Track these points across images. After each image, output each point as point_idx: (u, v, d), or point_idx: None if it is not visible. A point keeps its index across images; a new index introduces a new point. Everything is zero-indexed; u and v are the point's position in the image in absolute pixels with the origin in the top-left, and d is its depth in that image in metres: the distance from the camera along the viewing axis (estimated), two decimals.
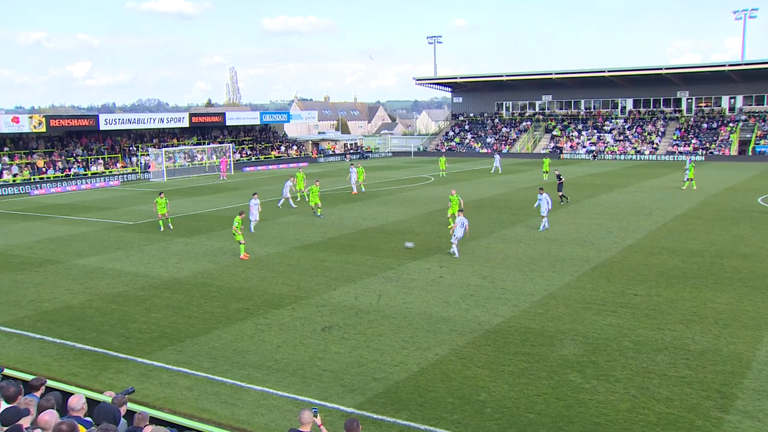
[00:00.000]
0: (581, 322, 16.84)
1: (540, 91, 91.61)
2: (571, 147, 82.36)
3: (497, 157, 62.38)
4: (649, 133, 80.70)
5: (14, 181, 54.43)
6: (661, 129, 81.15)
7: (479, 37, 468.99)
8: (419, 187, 48.68)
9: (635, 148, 78.30)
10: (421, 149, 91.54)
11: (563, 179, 39.21)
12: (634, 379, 13.30)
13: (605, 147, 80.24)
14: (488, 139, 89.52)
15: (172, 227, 31.76)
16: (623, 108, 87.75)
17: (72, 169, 58.78)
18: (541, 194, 29.81)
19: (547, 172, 53.25)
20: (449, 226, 25.77)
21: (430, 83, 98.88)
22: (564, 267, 22.68)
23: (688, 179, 45.26)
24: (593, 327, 16.42)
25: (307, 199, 37.05)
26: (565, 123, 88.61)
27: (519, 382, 13.28)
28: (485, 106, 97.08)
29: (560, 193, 38.35)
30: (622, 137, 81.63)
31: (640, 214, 34.08)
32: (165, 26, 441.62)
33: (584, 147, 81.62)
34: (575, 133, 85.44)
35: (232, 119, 76.34)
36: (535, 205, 30.44)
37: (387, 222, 32.83)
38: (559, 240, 27.49)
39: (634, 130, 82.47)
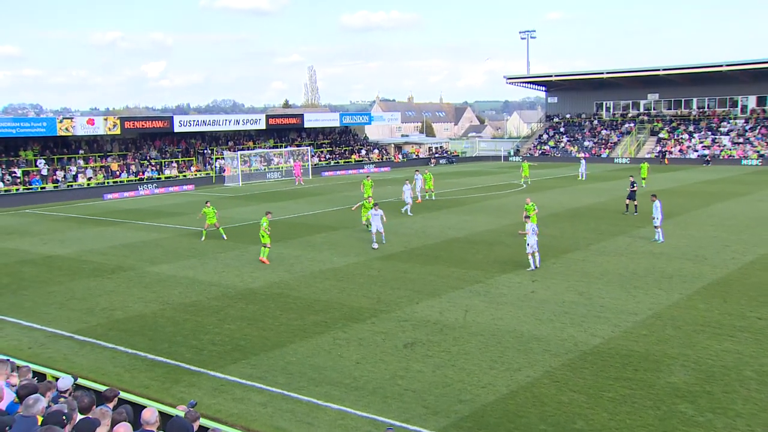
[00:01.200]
0: (692, 346, 16.19)
1: (645, 90, 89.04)
2: (680, 151, 79.60)
3: (583, 162, 61.06)
4: None
5: (89, 184, 57.11)
6: None
7: (576, 31, 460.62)
8: (510, 194, 48.21)
9: (758, 151, 74.58)
10: (512, 153, 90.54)
11: (636, 187, 37.79)
12: (759, 415, 12.63)
13: (721, 151, 77.04)
14: (586, 143, 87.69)
15: (225, 237, 32.03)
16: (744, 107, 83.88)
17: (146, 173, 61.26)
18: (654, 201, 29.23)
19: (645, 179, 51.99)
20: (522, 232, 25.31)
21: (522, 82, 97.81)
22: (672, 284, 21.93)
23: None
24: (707, 353, 15.75)
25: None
26: (674, 124, 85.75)
27: (620, 410, 12.87)
28: (583, 106, 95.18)
29: (634, 202, 37.16)
30: (741, 140, 78.12)
31: (763, 226, 32.58)
32: (240, 24, 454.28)
33: (696, 151, 78.71)
34: (685, 136, 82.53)
35: (311, 121, 78.06)
36: (652, 216, 29.43)
37: (474, 232, 32.63)
38: (666, 254, 26.59)
39: (757, 131, 78.62)
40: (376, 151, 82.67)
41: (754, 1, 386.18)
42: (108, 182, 58.32)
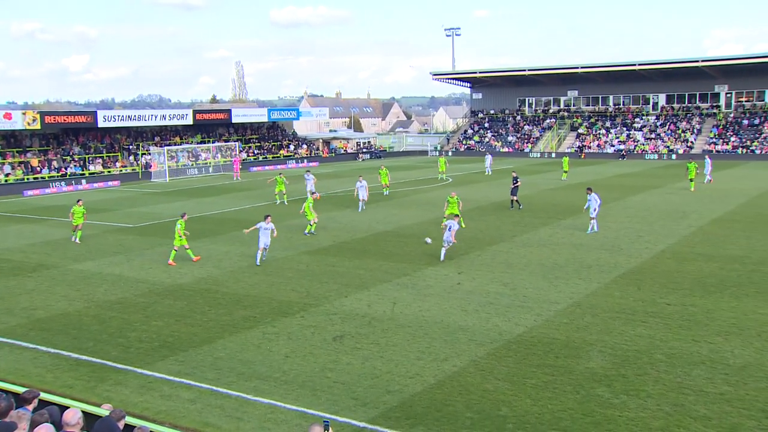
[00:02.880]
0: (609, 332, 16.77)
1: (565, 87, 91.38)
2: (598, 145, 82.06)
3: (489, 157, 62.02)
4: (684, 131, 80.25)
5: (6, 180, 54.97)
6: (697, 126, 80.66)
7: (501, 28, 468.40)
8: (437, 188, 48.70)
9: (668, 146, 77.87)
10: (438, 148, 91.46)
11: (519, 182, 37.86)
12: (667, 394, 13.21)
13: (635, 146, 79.83)
14: (509, 138, 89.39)
15: (78, 241, 30.09)
16: (655, 104, 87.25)
17: (68, 169, 59.32)
18: (590, 194, 30.08)
19: (567, 172, 53.46)
20: (442, 226, 26.04)
21: (448, 78, 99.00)
22: (591, 274, 22.62)
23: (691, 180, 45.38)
24: (622, 338, 16.35)
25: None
26: (592, 120, 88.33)
27: (543, 396, 13.23)
28: (507, 102, 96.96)
29: (513, 198, 37.33)
30: (653, 135, 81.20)
31: (673, 217, 33.91)
32: (168, 17, 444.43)
33: (612, 146, 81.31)
34: (603, 131, 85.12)
35: (239, 116, 76.96)
36: (585, 207, 30.41)
37: (402, 225, 32.88)
38: (586, 245, 27.39)
39: (667, 127, 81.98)
40: (305, 146, 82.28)
41: (667, 6, 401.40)
42: (28, 179, 56.20)
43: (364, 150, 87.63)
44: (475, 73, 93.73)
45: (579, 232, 29.99)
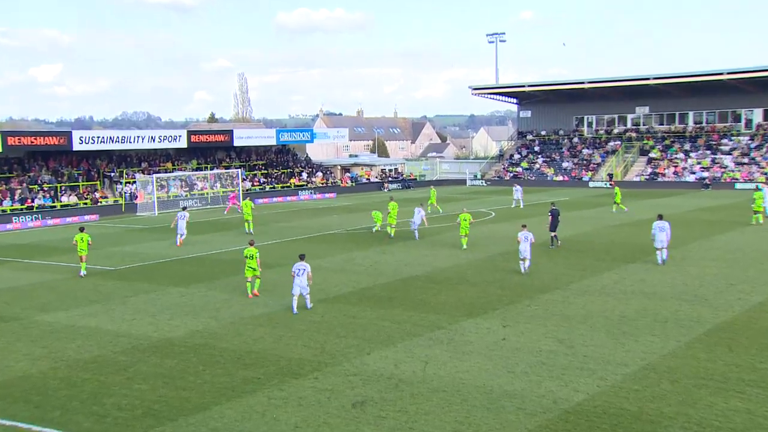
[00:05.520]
0: (694, 404, 16.38)
1: (633, 102, 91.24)
2: (675, 173, 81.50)
3: (518, 188, 61.90)
4: None
5: None
6: None
7: (552, 34, 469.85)
8: (477, 224, 48.37)
9: (766, 173, 76.43)
10: (479, 176, 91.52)
11: (557, 215, 37.92)
12: None
13: (722, 173, 79.05)
14: (564, 164, 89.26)
15: (85, 273, 32.51)
16: (749, 121, 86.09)
17: (36, 200, 59.93)
18: (660, 222, 31.86)
19: (618, 204, 53.75)
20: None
21: (491, 93, 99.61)
22: (667, 329, 22.24)
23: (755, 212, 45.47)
24: (711, 412, 15.94)
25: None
26: (667, 142, 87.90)
27: None
28: (561, 121, 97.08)
29: (553, 234, 37.69)
30: (746, 160, 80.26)
31: None
32: (157, 21, 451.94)
33: (693, 173, 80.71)
34: (680, 155, 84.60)
35: (242, 138, 78.23)
36: (652, 237, 31.97)
37: (435, 268, 32.76)
38: (660, 294, 27.03)
39: (764, 150, 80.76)
40: (320, 174, 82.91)
41: (758, 4, 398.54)
42: None
43: (391, 179, 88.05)
44: (523, 86, 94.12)
45: (651, 278, 29.63)
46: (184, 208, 45.23)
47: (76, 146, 64.24)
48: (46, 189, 61.96)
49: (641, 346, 20.64)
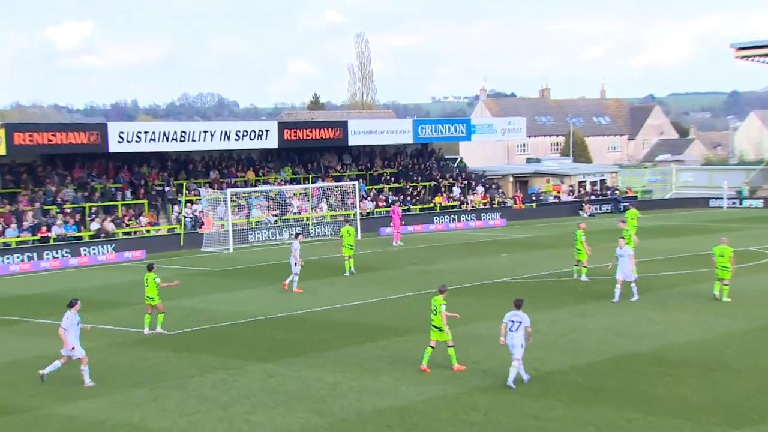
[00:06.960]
0: None
1: None
2: None
3: None
4: None
5: None
6: None
7: None
8: (745, 270, 40.26)
9: None
10: (744, 192, 75.57)
11: None
12: None
13: None
14: None
15: (160, 330, 30.08)
16: None
17: (53, 228, 52.70)
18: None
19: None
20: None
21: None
22: None
23: None
24: None
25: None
26: None
27: None
28: None
29: None
30: None
31: None
32: None
33: None
34: None
35: (360, 134, 67.51)
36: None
37: (668, 343, 27.09)
38: None
39: None
40: (480, 188, 71.83)
41: None
42: None
43: (595, 196, 75.79)
44: None
45: None
46: (297, 235, 40.52)
47: (114, 147, 55.48)
48: (68, 212, 53.79)
49: None
